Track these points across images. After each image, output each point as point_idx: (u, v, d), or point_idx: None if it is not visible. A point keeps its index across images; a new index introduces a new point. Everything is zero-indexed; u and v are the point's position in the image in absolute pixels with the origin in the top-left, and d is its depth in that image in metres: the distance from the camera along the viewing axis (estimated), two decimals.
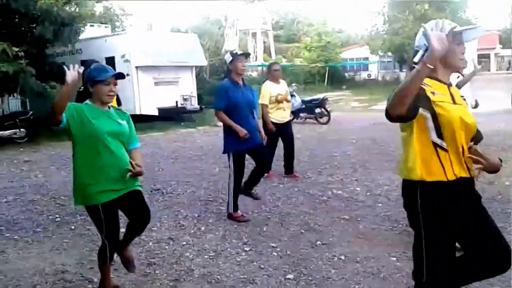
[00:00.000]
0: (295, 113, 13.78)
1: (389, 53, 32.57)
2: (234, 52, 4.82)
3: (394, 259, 3.78)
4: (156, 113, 14.53)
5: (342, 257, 3.84)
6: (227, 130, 4.70)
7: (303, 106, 13.72)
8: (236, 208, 4.87)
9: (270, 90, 6.58)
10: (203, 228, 4.67)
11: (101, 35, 15.86)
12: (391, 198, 5.55)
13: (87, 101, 3.02)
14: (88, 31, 14.61)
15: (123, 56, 14.10)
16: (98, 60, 5.79)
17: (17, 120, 11.38)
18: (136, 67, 13.95)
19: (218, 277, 3.53)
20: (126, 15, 29.01)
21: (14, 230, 4.77)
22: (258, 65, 33.81)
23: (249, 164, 5.13)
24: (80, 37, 13.56)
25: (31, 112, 11.93)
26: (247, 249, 4.09)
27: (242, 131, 4.56)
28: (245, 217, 4.90)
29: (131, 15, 29.70)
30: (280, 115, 6.61)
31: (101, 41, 14.95)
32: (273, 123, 6.49)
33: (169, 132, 12.91)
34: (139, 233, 3.37)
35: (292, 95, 13.77)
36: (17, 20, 11.93)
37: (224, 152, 4.80)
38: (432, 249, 2.19)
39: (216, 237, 4.43)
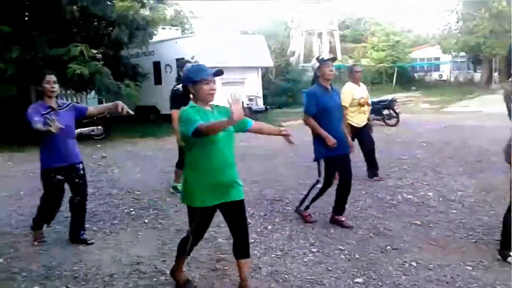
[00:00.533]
0: None
1: (463, 53, 31.03)
2: (320, 58, 4.75)
3: (470, 268, 3.61)
4: None
5: (414, 264, 3.72)
6: (317, 137, 4.60)
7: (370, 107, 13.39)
8: (307, 208, 4.87)
9: (352, 93, 6.39)
10: (269, 227, 4.72)
11: (172, 37, 16.47)
12: (465, 204, 5.29)
13: (191, 102, 3.04)
14: (160, 34, 15.23)
15: (192, 58, 14.52)
16: (190, 60, 6.01)
17: (95, 118, 12.07)
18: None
19: (286, 276, 3.55)
20: (195, 17, 29.88)
21: (93, 221, 5.08)
22: None
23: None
24: (152, 40, 14.15)
25: None
26: (314, 250, 4.08)
27: (331, 140, 4.45)
28: (312, 217, 4.89)
29: (200, 18, 30.56)
30: (360, 119, 6.47)
31: (172, 43, 15.52)
32: (352, 126, 6.31)
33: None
34: (242, 249, 3.20)
35: None
36: (95, 23, 12.68)
37: (315, 160, 4.71)
38: None
39: (282, 236, 4.45)
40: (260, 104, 15.98)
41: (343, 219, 4.76)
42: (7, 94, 10.42)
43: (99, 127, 12.02)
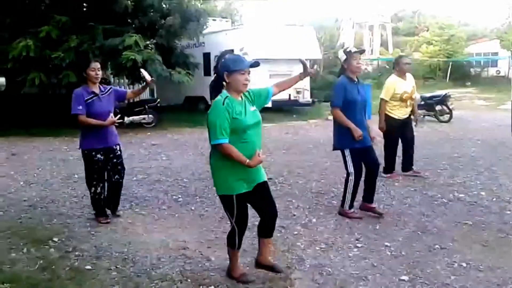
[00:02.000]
0: None
1: None
2: (348, 50, 4.73)
3: None
4: (269, 105, 14.83)
5: (463, 264, 3.60)
6: (342, 127, 4.62)
7: (422, 103, 12.96)
8: (351, 206, 4.79)
9: (395, 87, 6.09)
10: (314, 220, 4.70)
11: (222, 29, 16.61)
12: None
13: (224, 92, 3.12)
14: (211, 25, 15.39)
15: (241, 49, 14.58)
16: (229, 51, 6.11)
17: (146, 106, 12.48)
18: (253, 60, 14.35)
19: (330, 269, 3.54)
20: (245, 9, 30.01)
21: (142, 206, 5.26)
22: (374, 59, 32.69)
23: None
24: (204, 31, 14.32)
25: (158, 99, 12.97)
26: (359, 245, 4.03)
27: (358, 132, 4.49)
28: (357, 213, 4.83)
29: (250, 10, 30.65)
30: (401, 113, 6.20)
31: (222, 34, 15.65)
32: (393, 119, 6.16)
33: (281, 124, 13.13)
34: (269, 230, 3.36)
35: None
36: (150, 14, 13.00)
37: (337, 148, 4.74)
38: None
39: (327, 229, 4.42)
40: (307, 97, 15.84)
41: (374, 206, 4.82)
42: (67, 81, 10.90)
43: (150, 115, 12.43)
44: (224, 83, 3.15)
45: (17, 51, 10.70)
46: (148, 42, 12.59)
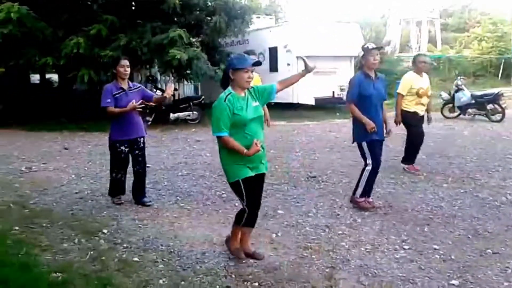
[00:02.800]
0: (462, 108, 12.65)
1: None
2: (366, 46, 4.86)
3: None
4: (312, 102, 14.73)
5: None
6: (357, 121, 4.79)
7: (473, 101, 12.48)
8: (364, 194, 4.92)
9: (411, 82, 6.34)
10: (359, 220, 4.62)
11: (266, 26, 16.60)
12: None
13: (228, 89, 3.37)
14: (255, 22, 15.41)
15: (285, 46, 14.56)
16: (254, 51, 6.44)
17: (191, 103, 12.68)
18: (297, 57, 14.27)
19: (375, 271, 3.47)
20: (290, 6, 29.89)
21: (187, 201, 5.35)
22: None
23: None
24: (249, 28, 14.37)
25: (203, 96, 13.14)
26: (406, 247, 3.93)
27: (370, 124, 4.65)
28: (370, 204, 4.95)
29: (294, 7, 30.50)
30: (417, 109, 6.41)
31: (266, 31, 15.66)
32: (415, 113, 6.35)
33: (324, 122, 12.99)
34: (253, 220, 3.62)
35: (459, 89, 12.71)
36: (197, 12, 13.20)
37: (354, 141, 4.94)
38: None
39: (372, 230, 4.34)
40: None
41: (371, 200, 4.99)
42: None
43: (194, 112, 12.63)
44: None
45: (69, 49, 11.12)
46: (193, 40, 12.76)
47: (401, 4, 36.68)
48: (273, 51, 15.14)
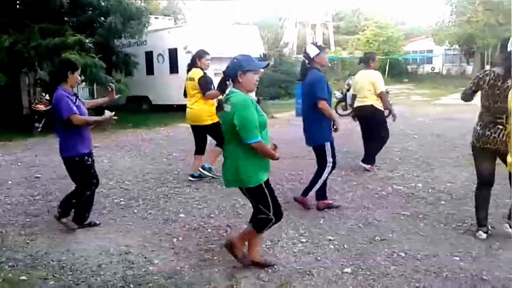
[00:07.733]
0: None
1: (455, 46, 31.09)
2: (319, 45, 4.93)
3: (458, 258, 3.63)
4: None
5: (402, 254, 3.74)
6: (323, 120, 4.75)
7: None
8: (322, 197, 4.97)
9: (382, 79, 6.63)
10: None
11: (164, 27, 16.30)
12: (454, 196, 5.32)
13: (234, 89, 3.19)
14: (153, 23, 15.04)
15: (185, 48, 14.38)
16: (206, 51, 6.27)
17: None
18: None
19: (275, 266, 3.55)
20: (188, 7, 29.70)
21: None
22: None
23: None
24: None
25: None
26: (303, 240, 4.09)
27: (339, 125, 4.82)
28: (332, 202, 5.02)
29: (193, 8, 30.38)
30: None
31: (165, 32, 15.37)
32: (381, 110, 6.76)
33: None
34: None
35: (350, 88, 13.54)
36: (89, 12, 12.53)
37: (320, 143, 4.84)
38: None
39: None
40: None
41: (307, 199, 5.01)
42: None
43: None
44: (227, 82, 3.25)
45: None
46: (87, 41, 12.09)
47: (297, 7, 38.27)
48: (173, 53, 14.91)
